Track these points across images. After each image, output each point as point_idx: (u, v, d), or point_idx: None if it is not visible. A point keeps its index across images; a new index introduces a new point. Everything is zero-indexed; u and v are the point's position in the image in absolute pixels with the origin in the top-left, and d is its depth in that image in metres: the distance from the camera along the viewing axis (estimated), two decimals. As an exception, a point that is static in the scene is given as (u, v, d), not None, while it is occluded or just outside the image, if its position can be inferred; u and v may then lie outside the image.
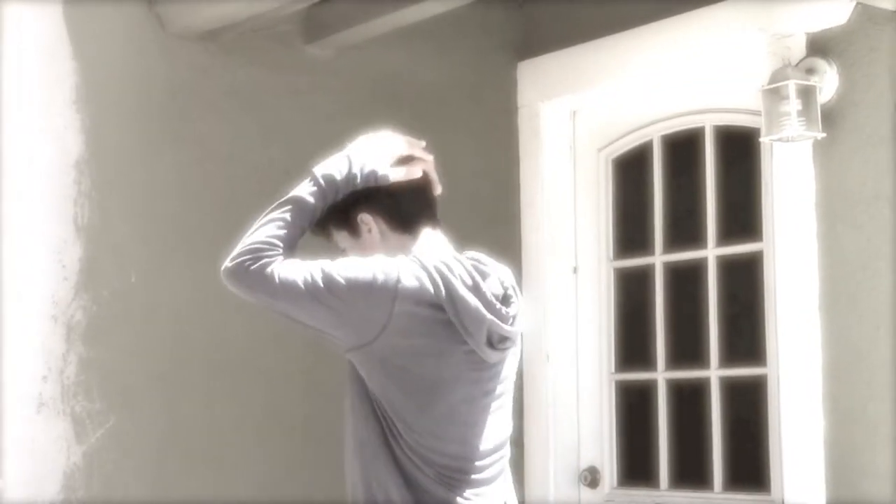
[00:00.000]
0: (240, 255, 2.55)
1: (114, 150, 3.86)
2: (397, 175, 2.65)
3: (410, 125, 4.47)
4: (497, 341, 2.60)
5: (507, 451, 2.69)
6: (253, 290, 2.53)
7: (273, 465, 4.10)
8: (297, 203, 2.60)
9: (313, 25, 4.27)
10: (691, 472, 4.43)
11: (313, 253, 2.58)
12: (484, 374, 2.62)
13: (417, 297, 2.52)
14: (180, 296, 3.96)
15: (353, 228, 2.68)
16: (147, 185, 3.93)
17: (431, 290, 2.53)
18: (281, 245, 2.56)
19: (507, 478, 2.70)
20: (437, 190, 2.74)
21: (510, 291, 2.68)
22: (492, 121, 4.74)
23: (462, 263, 2.60)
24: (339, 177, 2.61)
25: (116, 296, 3.81)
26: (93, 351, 3.76)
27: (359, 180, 2.62)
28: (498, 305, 2.60)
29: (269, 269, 2.52)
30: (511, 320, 2.64)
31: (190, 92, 4.04)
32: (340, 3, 4.08)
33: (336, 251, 2.70)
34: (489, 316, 2.56)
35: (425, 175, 2.71)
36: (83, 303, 3.76)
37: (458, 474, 2.58)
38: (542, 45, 4.69)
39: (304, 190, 2.61)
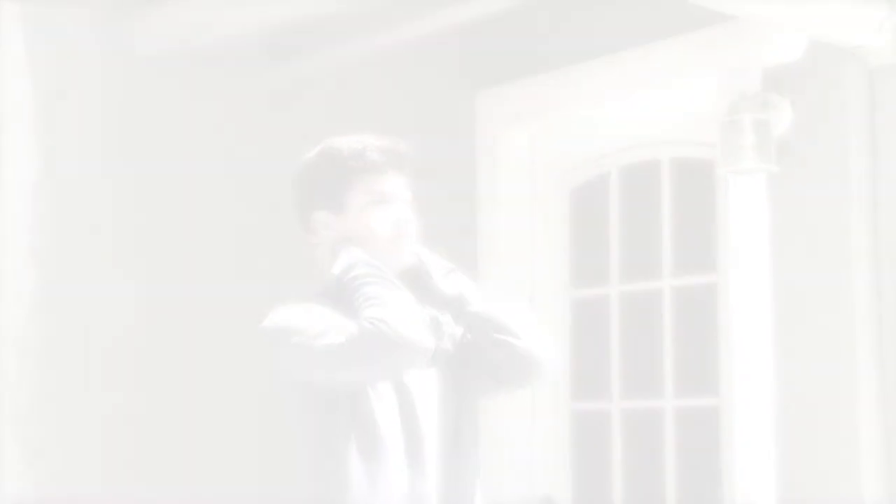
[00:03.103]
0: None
1: (72, 174, 3.86)
2: None
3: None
4: None
5: None
6: None
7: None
8: None
9: (276, 53, 4.29)
10: (646, 501, 4.44)
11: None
12: None
13: None
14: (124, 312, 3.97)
15: None
16: (105, 207, 3.94)
17: None
18: None
19: None
20: None
21: None
22: (451, 151, 4.75)
23: None
24: None
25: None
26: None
27: None
28: None
29: None
30: None
31: (150, 114, 4.05)
32: (303, 31, 4.10)
33: None
34: None
35: None
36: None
37: None
38: (501, 76, 4.71)
39: None
